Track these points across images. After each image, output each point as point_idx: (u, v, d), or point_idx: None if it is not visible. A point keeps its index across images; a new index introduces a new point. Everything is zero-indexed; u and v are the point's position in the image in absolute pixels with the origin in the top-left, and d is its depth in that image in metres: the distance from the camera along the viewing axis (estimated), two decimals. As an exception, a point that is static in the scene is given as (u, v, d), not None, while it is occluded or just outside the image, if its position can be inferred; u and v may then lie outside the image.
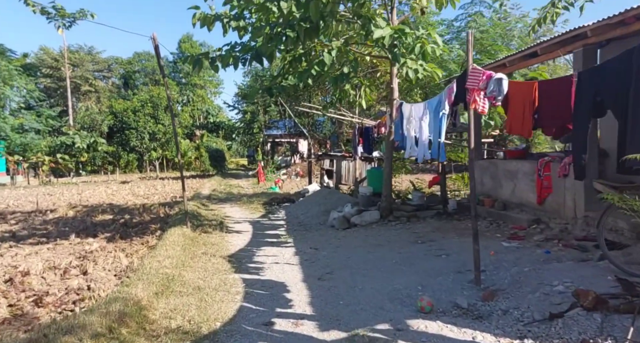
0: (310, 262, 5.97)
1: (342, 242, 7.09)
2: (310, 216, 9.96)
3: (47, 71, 36.67)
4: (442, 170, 8.94)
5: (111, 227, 9.64)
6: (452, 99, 5.08)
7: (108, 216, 11.64)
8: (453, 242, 6.36)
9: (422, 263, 5.39)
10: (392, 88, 8.20)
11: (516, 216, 7.20)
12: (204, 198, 15.62)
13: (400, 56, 6.63)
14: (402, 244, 6.54)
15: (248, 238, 8.02)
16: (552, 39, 6.08)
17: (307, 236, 7.92)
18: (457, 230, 7.22)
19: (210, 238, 7.93)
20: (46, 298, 4.78)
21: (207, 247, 7.17)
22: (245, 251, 6.96)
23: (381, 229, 7.81)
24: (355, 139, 11.53)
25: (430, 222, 8.07)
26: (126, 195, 18.51)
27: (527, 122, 4.16)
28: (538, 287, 3.92)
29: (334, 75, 7.65)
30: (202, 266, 5.94)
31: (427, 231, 7.30)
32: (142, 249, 7.32)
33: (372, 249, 6.42)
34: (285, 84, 7.93)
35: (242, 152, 54.78)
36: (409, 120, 7.13)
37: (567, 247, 5.39)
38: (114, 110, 31.97)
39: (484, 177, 8.64)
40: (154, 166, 33.61)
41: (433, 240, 6.56)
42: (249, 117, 31.88)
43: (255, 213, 11.59)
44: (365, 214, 8.33)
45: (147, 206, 13.23)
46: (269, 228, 9.09)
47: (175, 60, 52.88)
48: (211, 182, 23.76)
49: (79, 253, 7.03)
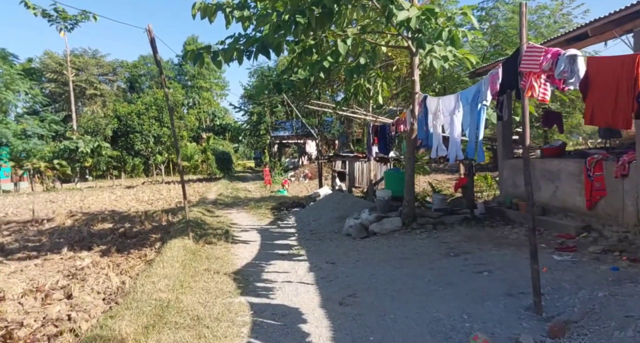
0: (327, 281, 5.16)
1: (361, 255, 6.27)
2: (323, 223, 9.14)
3: (51, 76, 36.33)
4: (469, 172, 8.07)
5: (108, 237, 8.92)
6: (496, 87, 4.25)
7: (107, 225, 10.96)
8: (492, 254, 5.50)
9: (462, 283, 4.55)
10: (414, 81, 7.37)
11: (560, 222, 6.33)
12: (209, 204, 14.90)
13: (426, 42, 5.80)
14: (433, 257, 5.70)
15: (256, 250, 7.23)
16: (606, 17, 5.20)
17: (321, 247, 7.11)
18: (492, 239, 6.36)
19: (214, 250, 7.16)
20: (18, 332, 4.02)
21: (210, 261, 6.39)
22: (253, 266, 6.17)
23: (405, 239, 6.97)
24: (369, 138, 10.70)
25: (459, 229, 7.21)
26: (130, 201, 17.89)
27: (623, 108, 3.18)
28: (627, 322, 3.07)
29: (349, 67, 6.84)
30: (203, 286, 5.16)
31: (459, 241, 6.45)
32: (139, 264, 6.57)
33: (398, 264, 5.59)
34: (295, 78, 7.13)
35: (249, 154, 54.23)
36: (436, 116, 6.30)
37: (636, 262, 4.51)
38: (118, 114, 31.41)
39: (516, 178, 7.78)
40: (160, 170, 33.09)
41: (468, 252, 5.71)
42: (255, 119, 31.17)
43: (263, 220, 10.81)
44: (386, 221, 7.50)
45: (149, 213, 12.53)
46: (279, 238, 8.30)
47: (181, 63, 52.58)
48: (217, 186, 23.07)
49: (68, 271, 6.31)
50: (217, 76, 54.27)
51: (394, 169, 9.78)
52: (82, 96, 38.19)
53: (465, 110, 5.19)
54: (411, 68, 7.36)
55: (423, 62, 6.64)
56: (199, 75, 50.47)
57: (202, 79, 50.43)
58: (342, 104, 8.11)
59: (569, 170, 6.32)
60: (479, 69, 8.43)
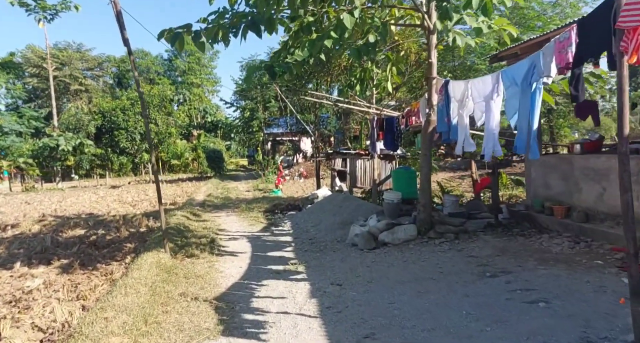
0: (335, 312, 4.03)
1: (373, 273, 5.15)
2: (323, 230, 8.01)
3: (33, 70, 34.64)
4: (493, 170, 6.97)
5: (75, 248, 7.71)
6: (567, 57, 3.14)
7: (79, 231, 9.73)
8: (540, 275, 4.41)
9: (515, 320, 3.45)
10: (431, 63, 6.25)
11: (611, 232, 5.25)
12: (197, 206, 13.71)
13: (453, 11, 4.68)
14: (464, 278, 4.59)
15: (245, 265, 6.09)
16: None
17: (323, 261, 5.97)
18: (531, 252, 5.27)
19: (195, 266, 5.99)
20: None
21: (188, 282, 5.23)
22: (241, 288, 5.02)
23: (422, 251, 5.86)
24: (373, 133, 9.58)
25: (485, 239, 6.12)
26: (112, 202, 16.62)
27: None
28: None
29: (356, 47, 5.70)
30: (175, 321, 4.00)
31: (490, 255, 5.35)
32: (102, 285, 5.40)
33: (422, 286, 4.48)
34: (291, 60, 5.98)
35: (242, 152, 52.90)
36: (462, 103, 5.19)
37: None
38: (102, 110, 29.84)
39: (549, 178, 6.70)
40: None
41: (507, 272, 4.61)
42: (247, 115, 29.84)
43: (255, 225, 9.64)
44: (398, 230, 6.39)
45: (128, 217, 11.30)
46: (273, 248, 7.16)
47: (171, 58, 51.09)
48: (207, 186, 21.85)
49: (11, 295, 5.12)
50: (209, 72, 52.86)
51: (403, 167, 8.67)
52: (66, 92, 36.55)
53: (511, 92, 4.09)
54: (429, 48, 6.23)
55: (444, 38, 5.50)
56: (189, 71, 49.01)
57: (193, 74, 48.98)
58: (345, 92, 6.99)
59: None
60: (502, 52, 7.33)
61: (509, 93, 4.16)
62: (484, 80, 4.62)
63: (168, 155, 36.03)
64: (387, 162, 11.39)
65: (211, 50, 45.22)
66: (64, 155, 25.34)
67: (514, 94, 4.01)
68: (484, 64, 9.97)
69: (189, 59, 48.72)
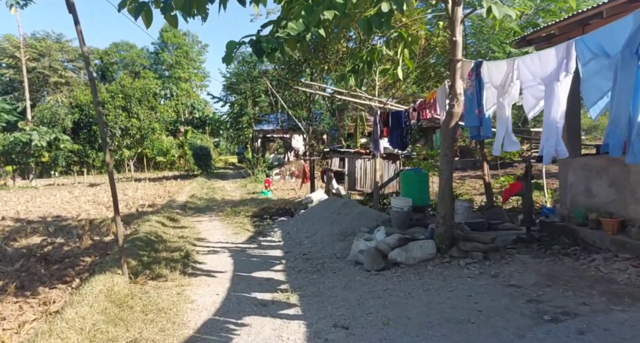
0: (344, 379, 2.82)
1: (389, 309, 3.95)
2: (319, 242, 6.80)
3: (9, 61, 32.69)
4: (526, 174, 5.82)
5: (18, 264, 6.39)
6: None
7: (35, 239, 8.40)
8: (619, 320, 3.25)
9: None
10: (455, 42, 5.08)
11: (689, 255, 4.13)
12: (177, 208, 12.40)
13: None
14: (514, 322, 3.41)
15: (224, 291, 4.85)
16: None
17: (321, 288, 4.75)
18: (590, 282, 4.11)
19: (160, 293, 4.73)
20: None
21: (146, 319, 3.97)
22: (215, 329, 3.78)
23: (446, 275, 4.68)
24: (376, 129, 8.39)
25: (522, 259, 4.97)
26: (85, 203, 15.20)
27: None
28: None
29: (364, 16, 4.49)
30: (112, 393, 2.76)
31: (536, 284, 4.19)
32: (32, 322, 4.13)
33: (459, 335, 3.29)
34: (283, 34, 4.74)
35: (232, 149, 51.38)
36: (504, 90, 4.02)
37: None
38: (80, 103, 28.07)
39: (591, 184, 5.58)
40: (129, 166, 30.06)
41: (572, 314, 3.44)
42: (236, 110, 28.41)
43: (240, 234, 8.39)
44: (413, 247, 5.20)
45: (96, 222, 9.97)
46: (259, 266, 5.93)
47: (157, 51, 49.27)
48: (192, 185, 20.47)
49: None
50: (197, 66, 51.20)
51: (414, 169, 7.48)
52: (45, 84, 34.65)
53: (594, 68, 2.94)
54: (452, 23, 5.04)
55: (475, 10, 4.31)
56: (177, 65, 47.31)
57: (181, 68, 47.30)
58: (348, 77, 5.78)
59: None
60: (533, 32, 6.19)
61: (589, 69, 3.01)
62: (545, 54, 3.46)
63: (153, 151, 34.44)
64: (391, 162, 10.23)
65: (186, 23, 43.50)
66: (37, 151, 23.64)
67: (600, 70, 2.86)
68: (501, 53, 8.84)
69: (176, 53, 47.04)
